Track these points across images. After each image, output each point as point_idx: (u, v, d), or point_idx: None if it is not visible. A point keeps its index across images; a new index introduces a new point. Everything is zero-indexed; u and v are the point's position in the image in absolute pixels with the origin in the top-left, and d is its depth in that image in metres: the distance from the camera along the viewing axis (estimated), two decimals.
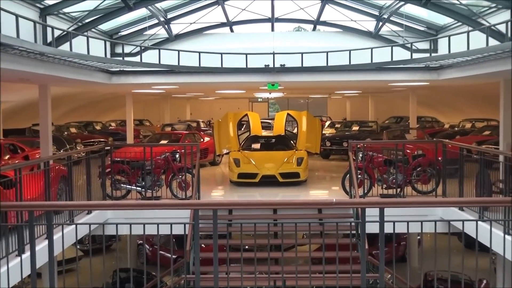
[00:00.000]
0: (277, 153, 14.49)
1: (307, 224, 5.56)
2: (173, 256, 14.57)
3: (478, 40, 10.11)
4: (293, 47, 14.23)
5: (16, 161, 13.15)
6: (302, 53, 13.24)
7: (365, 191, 11.20)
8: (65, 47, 10.07)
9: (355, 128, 22.16)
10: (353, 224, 9.63)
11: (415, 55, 12.92)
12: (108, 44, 14.09)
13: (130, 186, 11.40)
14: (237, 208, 10.05)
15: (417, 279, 13.76)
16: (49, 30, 9.94)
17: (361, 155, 11.42)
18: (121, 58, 13.00)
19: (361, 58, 13.16)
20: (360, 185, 11.13)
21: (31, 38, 9.40)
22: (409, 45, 13.45)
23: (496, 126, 18.02)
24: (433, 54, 12.97)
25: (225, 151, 15.13)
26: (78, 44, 10.60)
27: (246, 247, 13.02)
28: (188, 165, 11.55)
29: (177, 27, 15.67)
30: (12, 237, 7.09)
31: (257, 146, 15.16)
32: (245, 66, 13.21)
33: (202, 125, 30.15)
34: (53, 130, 19.52)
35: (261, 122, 18.54)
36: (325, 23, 16.27)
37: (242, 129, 21.75)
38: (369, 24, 15.56)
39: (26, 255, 5.97)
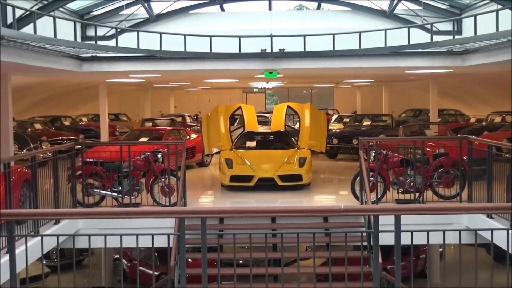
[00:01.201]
0: (276, 152, 14.49)
1: (311, 234, 5.56)
2: (155, 273, 14.55)
3: (509, 20, 10.13)
4: (294, 29, 14.23)
5: None
6: (304, 36, 13.25)
7: (379, 196, 11.21)
8: (28, 29, 10.03)
9: (367, 123, 22.19)
10: (364, 234, 9.64)
11: (436, 38, 12.94)
12: (78, 25, 14.06)
13: (104, 191, 11.38)
14: (229, 217, 10.05)
15: None
16: (9, 9, 9.90)
17: (373, 154, 11.43)
18: (93, 42, 12.96)
19: (373, 41, 13.17)
20: (373, 189, 11.14)
21: None
22: (428, 26, 13.46)
23: None
24: (456, 37, 13.00)
25: (215, 150, 15.12)
26: (44, 26, 10.57)
27: (240, 261, 13.02)
28: (172, 166, 11.54)
29: (158, 6, 15.63)
30: None
31: (252, 144, 15.17)
32: (238, 51, 13.20)
33: (188, 120, 30.14)
34: (14, 127, 19.49)
35: (257, 116, 18.54)
36: (331, 1, 16.26)
37: (235, 124, 21.75)
38: (382, 2, 15.56)
39: None
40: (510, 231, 5.40)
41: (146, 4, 15.14)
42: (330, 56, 13.42)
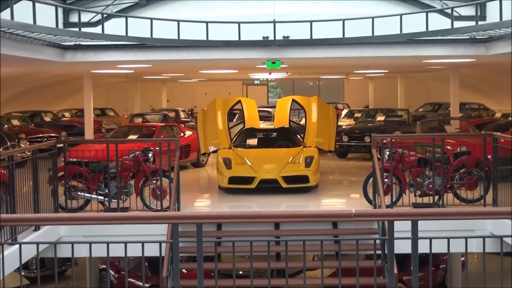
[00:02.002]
0: (280, 151, 14.50)
1: (318, 242, 5.55)
2: (146, 285, 14.57)
3: None
4: (300, 14, 14.21)
5: None
6: (311, 22, 13.22)
7: (394, 200, 11.22)
8: (4, 15, 10.03)
9: (380, 118, 22.20)
10: (378, 242, 9.64)
11: (457, 24, 12.92)
12: (60, 10, 14.04)
13: (89, 195, 11.40)
14: (228, 222, 10.05)
15: None
16: None
17: (388, 153, 11.44)
18: (77, 29, 12.95)
19: (388, 28, 13.14)
20: (387, 191, 11.16)
21: None
22: (449, 11, 13.43)
23: None
24: (480, 23, 12.97)
25: (212, 148, 15.12)
26: (22, 11, 10.57)
27: (240, 272, 13.03)
28: (165, 167, 11.54)
29: None
30: None
31: (253, 142, 15.18)
32: (237, 39, 13.19)
33: (182, 115, 30.17)
34: None
35: (259, 111, 18.53)
36: None
37: (234, 120, 21.78)
38: None
39: None
40: None
41: None
42: (339, 44, 13.39)
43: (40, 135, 21.42)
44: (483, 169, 11.33)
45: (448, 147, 13.11)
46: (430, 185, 11.26)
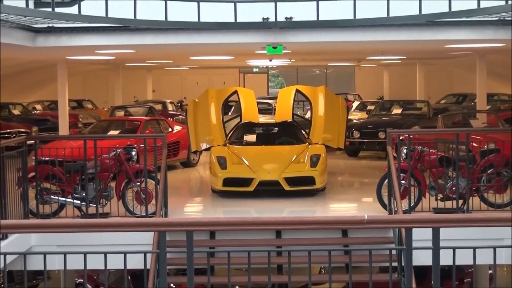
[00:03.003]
0: (282, 148, 14.52)
1: (326, 252, 5.54)
2: None
3: None
4: None
5: None
6: (317, 1, 13.21)
7: (412, 204, 11.23)
8: None
9: (397, 111, 22.20)
10: (394, 252, 9.65)
11: (484, 3, 12.90)
12: None
13: (64, 198, 11.40)
14: (222, 230, 10.04)
15: None
16: None
17: (405, 151, 11.45)
18: (50, 9, 12.92)
19: (405, 8, 13.13)
20: (405, 195, 11.16)
21: None
22: None
23: None
24: (510, 2, 12.96)
25: (204, 146, 15.12)
26: None
27: (237, 287, 13.03)
28: (150, 167, 11.54)
29: None
30: None
31: (251, 138, 15.18)
32: (233, 20, 13.18)
33: (170, 107, 30.16)
34: None
35: (258, 102, 18.54)
36: None
37: (230, 113, 21.72)
38: None
39: None
40: None
41: None
42: (350, 27, 13.37)
43: (8, 130, 21.40)
44: None
45: (474, 144, 13.12)
46: (454, 188, 11.27)
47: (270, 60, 24.85)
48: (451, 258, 5.19)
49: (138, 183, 11.45)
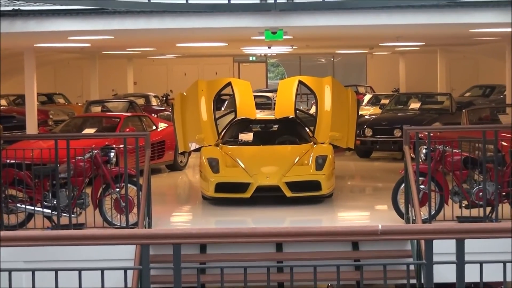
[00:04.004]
0: (283, 148, 14.51)
1: (334, 268, 5.53)
2: None
3: None
4: None
5: None
6: None
7: (433, 212, 11.22)
8: None
9: (415, 105, 22.19)
10: (412, 267, 9.63)
11: None
12: None
13: (32, 207, 11.37)
14: (215, 243, 10.02)
15: None
16: None
17: (425, 151, 11.43)
18: None
19: None
20: (424, 201, 11.15)
21: None
22: None
23: None
24: None
25: (193, 146, 15.10)
26: None
27: None
28: (131, 170, 11.52)
29: None
30: None
31: (248, 137, 15.17)
32: (226, 1, 13.17)
33: (154, 102, 30.13)
34: None
35: (255, 96, 18.51)
36: None
37: (223, 108, 21.70)
38: None
39: None
40: None
41: None
42: (360, 9, 13.37)
43: None
44: None
45: (504, 143, 13.10)
46: (480, 193, 11.26)
47: (269, 48, 24.84)
48: (477, 274, 5.18)
49: (118, 189, 11.41)
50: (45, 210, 11.39)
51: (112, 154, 11.70)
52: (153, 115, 22.71)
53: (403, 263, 8.63)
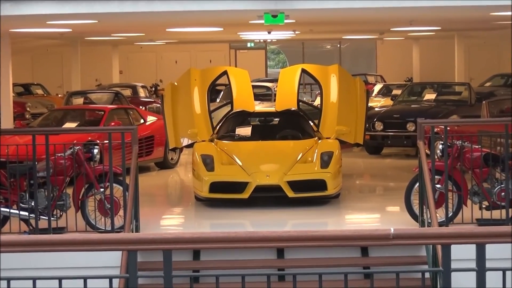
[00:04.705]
0: (284, 144, 14.52)
1: (341, 276, 5.52)
2: None
3: None
4: None
5: None
6: None
7: (450, 214, 11.22)
8: None
9: (430, 96, 22.20)
10: (427, 275, 9.63)
11: None
12: None
13: (7, 209, 11.37)
14: (209, 248, 10.01)
15: None
16: None
17: (441, 147, 11.43)
18: None
19: None
20: (441, 202, 11.16)
21: None
22: None
23: None
24: None
25: (186, 141, 15.10)
26: None
27: None
28: (117, 168, 11.51)
29: None
30: None
31: (246, 131, 15.16)
32: None
33: (142, 93, 30.13)
34: None
35: (253, 86, 18.51)
36: None
37: (218, 100, 21.69)
38: None
39: None
40: None
41: None
42: None
43: None
44: None
45: None
46: (503, 193, 11.26)
47: (269, 33, 24.85)
48: (500, 282, 5.18)
49: (102, 190, 11.42)
50: (21, 212, 11.38)
51: (95, 151, 11.68)
52: (141, 107, 22.71)
53: (418, 271, 8.62)
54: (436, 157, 11.46)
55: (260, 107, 19.57)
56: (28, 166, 11.42)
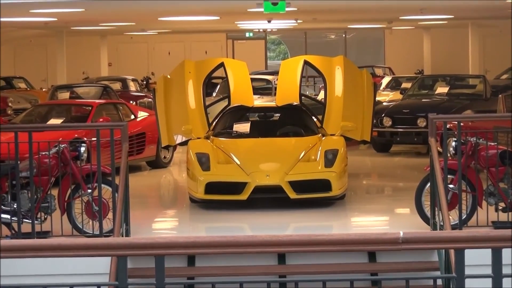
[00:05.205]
0: (285, 141, 14.54)
1: (347, 283, 5.52)
2: None
3: None
4: None
5: None
6: None
7: (464, 216, 11.21)
8: None
9: (442, 90, 22.21)
10: (440, 282, 9.63)
11: None
12: None
13: None
14: (205, 253, 10.00)
15: None
16: None
17: (454, 144, 11.42)
18: None
19: None
20: (454, 204, 11.15)
21: None
22: None
23: None
24: None
25: (180, 138, 15.10)
26: None
27: None
28: (106, 168, 11.50)
29: None
30: None
31: (244, 128, 15.16)
32: None
33: (132, 87, 30.13)
34: None
35: (252, 79, 18.50)
36: None
37: (214, 94, 21.69)
38: None
39: None
40: None
41: None
42: None
43: None
44: None
45: None
46: None
47: (269, 22, 24.86)
48: None
49: (89, 191, 11.42)
50: (3, 215, 11.39)
51: (82, 149, 11.68)
52: (131, 102, 22.68)
53: (429, 277, 8.61)
54: (449, 155, 11.46)
55: (259, 101, 19.57)
56: (10, 165, 11.41)
